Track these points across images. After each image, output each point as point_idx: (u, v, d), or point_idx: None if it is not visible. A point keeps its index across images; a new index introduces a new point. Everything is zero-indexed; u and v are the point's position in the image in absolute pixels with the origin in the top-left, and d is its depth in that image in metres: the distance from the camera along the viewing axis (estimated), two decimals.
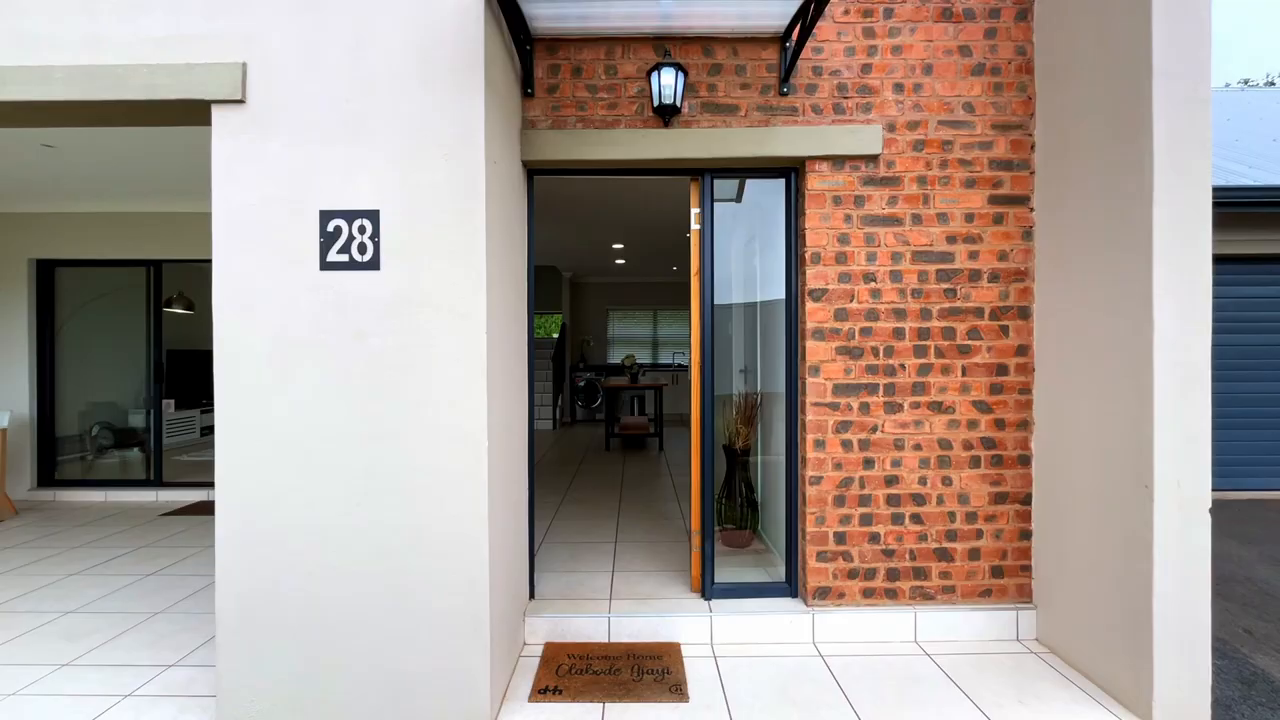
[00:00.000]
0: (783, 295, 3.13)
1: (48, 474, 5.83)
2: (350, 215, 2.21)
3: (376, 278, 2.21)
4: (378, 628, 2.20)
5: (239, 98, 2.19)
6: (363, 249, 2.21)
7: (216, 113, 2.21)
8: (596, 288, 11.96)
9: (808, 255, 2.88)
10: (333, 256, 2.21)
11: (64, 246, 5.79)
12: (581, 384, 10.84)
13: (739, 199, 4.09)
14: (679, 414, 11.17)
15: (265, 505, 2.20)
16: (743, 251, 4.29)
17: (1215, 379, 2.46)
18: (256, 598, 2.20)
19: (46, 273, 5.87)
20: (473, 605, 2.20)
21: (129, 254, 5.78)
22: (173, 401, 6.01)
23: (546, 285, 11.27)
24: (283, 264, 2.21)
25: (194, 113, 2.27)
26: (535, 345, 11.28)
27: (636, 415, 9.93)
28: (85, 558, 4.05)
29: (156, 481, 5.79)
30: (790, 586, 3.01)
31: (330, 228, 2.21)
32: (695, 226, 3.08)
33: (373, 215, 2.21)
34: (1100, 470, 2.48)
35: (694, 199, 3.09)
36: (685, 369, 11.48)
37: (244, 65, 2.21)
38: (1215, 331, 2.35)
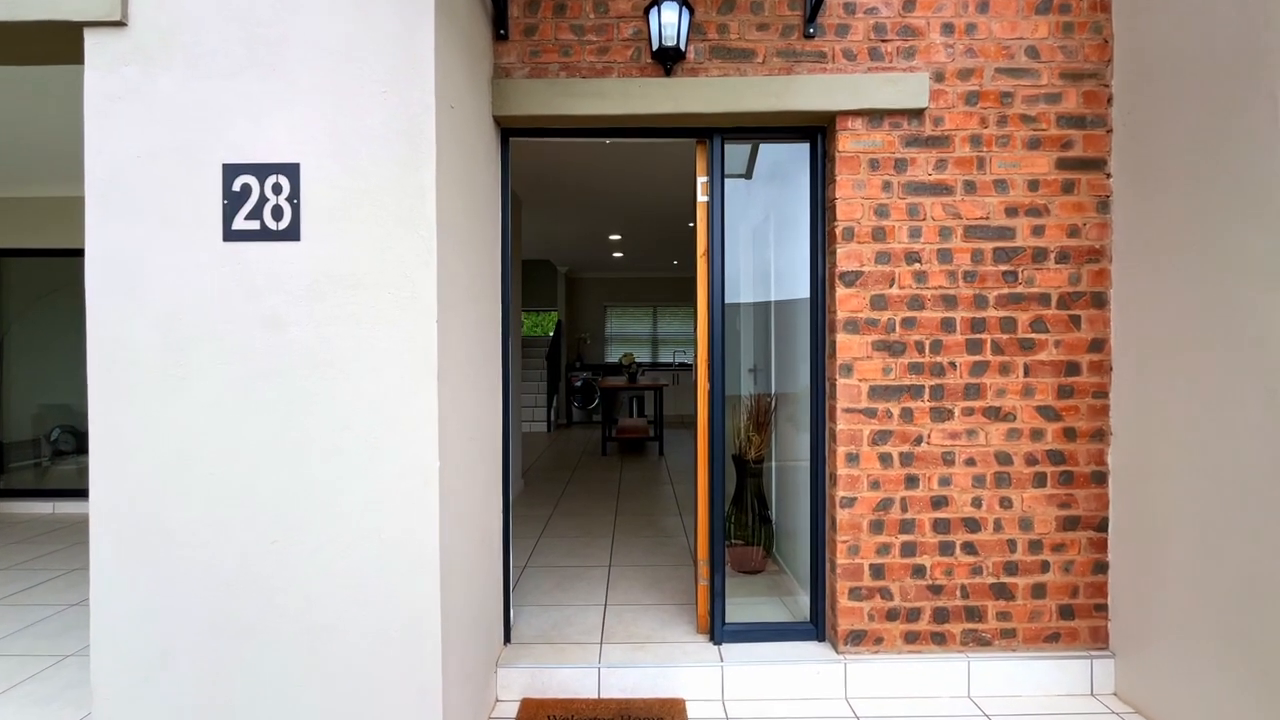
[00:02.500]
0: (805, 282, 2.64)
1: None
2: (262, 170, 1.72)
3: (296, 251, 1.72)
4: (296, 700, 1.71)
5: (118, 18, 1.70)
6: (278, 213, 1.72)
7: (90, 38, 1.72)
8: (593, 283, 11.47)
9: (838, 231, 2.39)
10: (240, 223, 1.72)
11: (12, 235, 5.31)
12: (578, 384, 10.35)
13: (749, 173, 3.60)
14: (679, 415, 10.68)
15: (154, 541, 1.71)
16: (756, 235, 3.80)
17: None
18: (142, 661, 1.71)
19: None
20: (419, 670, 1.71)
21: (82, 243, 5.28)
22: None
23: (541, 280, 10.79)
24: (176, 233, 1.72)
25: (63, 41, 1.78)
26: (527, 343, 10.85)
27: (635, 417, 9.44)
28: (8, 582, 3.56)
29: None
30: (816, 628, 2.52)
31: (237, 186, 1.72)
32: (702, 198, 2.59)
33: (291, 170, 1.72)
34: (1207, 492, 1.99)
35: (700, 166, 2.60)
36: (687, 368, 10.99)
37: None
38: None
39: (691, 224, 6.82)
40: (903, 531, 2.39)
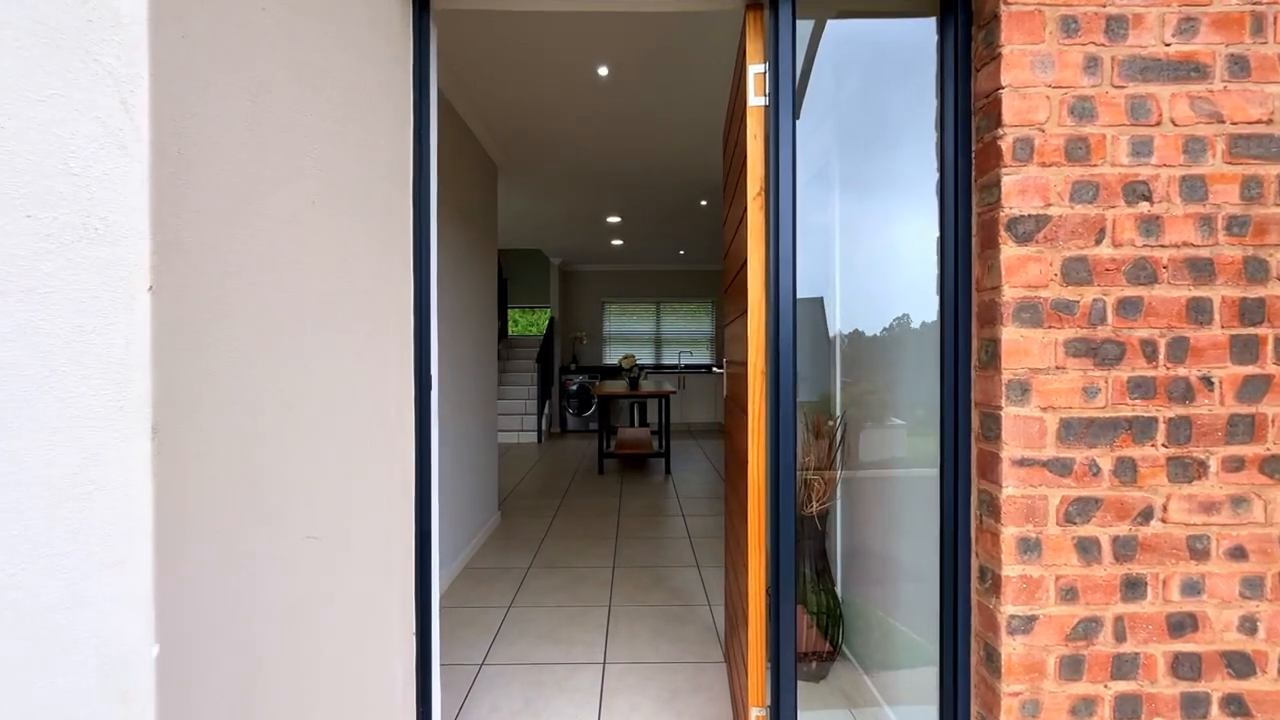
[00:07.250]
0: (892, 252, 1.62)
1: None
2: None
3: None
4: None
5: None
6: None
7: None
8: (590, 276, 10.42)
9: (1005, 146, 1.36)
10: None
11: None
12: (573, 388, 9.31)
13: (796, 111, 2.57)
14: (685, 423, 9.65)
15: None
16: (802, 200, 2.76)
17: None
18: None
19: None
20: None
21: None
22: None
23: (532, 273, 9.75)
24: None
25: None
26: (515, 343, 9.74)
27: (637, 427, 8.42)
28: None
29: None
30: None
31: None
32: (756, 100, 1.56)
33: None
34: None
35: (752, 48, 1.56)
36: (694, 370, 9.96)
37: None
38: None
39: (705, 201, 5.78)
40: (1117, 675, 1.36)
